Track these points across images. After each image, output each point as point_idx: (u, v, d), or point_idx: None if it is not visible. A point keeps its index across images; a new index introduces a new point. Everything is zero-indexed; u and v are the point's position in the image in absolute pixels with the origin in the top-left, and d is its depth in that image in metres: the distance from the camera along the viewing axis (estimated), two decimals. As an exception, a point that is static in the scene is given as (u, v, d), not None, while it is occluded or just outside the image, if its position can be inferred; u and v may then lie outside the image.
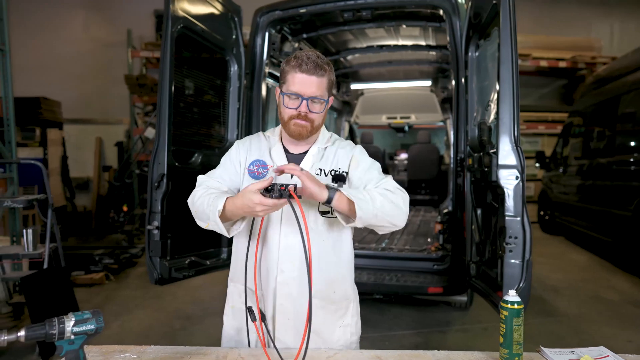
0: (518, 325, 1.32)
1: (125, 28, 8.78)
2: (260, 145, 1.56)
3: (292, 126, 1.43)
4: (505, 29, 2.23)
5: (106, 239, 7.43)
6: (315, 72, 1.39)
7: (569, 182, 6.83)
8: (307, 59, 1.39)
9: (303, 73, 1.39)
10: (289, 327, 1.48)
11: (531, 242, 2.22)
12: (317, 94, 1.40)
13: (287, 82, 1.42)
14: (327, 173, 1.49)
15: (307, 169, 1.46)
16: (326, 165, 1.50)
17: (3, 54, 3.94)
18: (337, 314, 1.54)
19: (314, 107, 1.42)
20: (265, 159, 1.52)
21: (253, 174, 1.50)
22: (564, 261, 5.99)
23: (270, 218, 1.47)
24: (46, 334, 1.06)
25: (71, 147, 8.19)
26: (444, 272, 3.35)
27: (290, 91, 1.40)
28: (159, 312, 4.11)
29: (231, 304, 1.63)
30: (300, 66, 1.38)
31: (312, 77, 1.39)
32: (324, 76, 1.41)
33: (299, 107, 1.40)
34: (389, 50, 4.94)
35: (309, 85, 1.39)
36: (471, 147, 2.96)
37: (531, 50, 8.81)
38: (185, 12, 2.82)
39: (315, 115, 1.42)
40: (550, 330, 3.61)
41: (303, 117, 1.41)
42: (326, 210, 1.46)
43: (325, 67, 1.41)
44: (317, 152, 1.51)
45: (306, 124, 1.42)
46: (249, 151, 1.54)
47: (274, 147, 1.53)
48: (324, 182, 1.38)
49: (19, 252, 3.29)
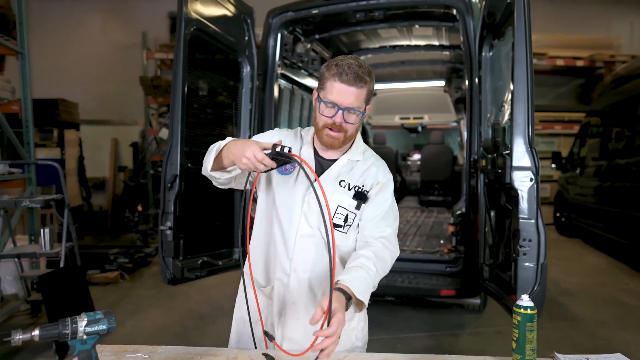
0: (531, 331, 1.29)
1: (140, 30, 8.90)
2: (293, 141, 1.53)
3: (324, 136, 1.40)
4: (520, 28, 2.20)
5: (121, 238, 7.54)
6: (355, 83, 1.33)
7: (586, 184, 6.70)
8: (349, 69, 1.33)
9: (343, 83, 1.33)
10: (299, 327, 1.48)
11: (546, 245, 2.18)
12: (354, 105, 1.36)
13: (326, 90, 1.37)
14: (351, 188, 1.46)
15: (331, 178, 1.45)
16: (352, 180, 1.47)
17: (22, 57, 4.03)
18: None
19: (350, 118, 1.37)
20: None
21: (280, 169, 1.47)
22: (581, 264, 5.88)
23: (287, 216, 1.47)
24: (59, 333, 1.08)
25: (88, 148, 8.34)
26: (456, 275, 3.32)
27: (327, 99, 1.36)
28: (172, 312, 4.15)
29: (238, 311, 1.65)
30: (340, 75, 1.33)
31: (351, 88, 1.33)
32: (363, 87, 1.35)
33: (334, 117, 1.36)
34: (401, 51, 4.91)
35: (347, 95, 1.34)
36: (484, 148, 2.93)
37: (547, 49, 8.66)
38: (198, 14, 2.84)
39: (349, 125, 1.38)
40: (565, 335, 3.55)
41: (337, 126, 1.37)
42: (339, 224, 1.46)
43: (366, 78, 1.36)
44: (346, 164, 1.48)
45: (339, 135, 1.38)
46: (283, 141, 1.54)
47: (305, 146, 1.51)
48: (345, 196, 1.43)
49: (37, 251, 3.36)
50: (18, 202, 3.19)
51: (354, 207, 1.46)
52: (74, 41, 9.18)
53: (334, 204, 1.44)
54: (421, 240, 4.45)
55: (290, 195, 1.47)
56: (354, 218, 1.47)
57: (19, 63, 4.04)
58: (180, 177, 2.73)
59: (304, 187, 1.46)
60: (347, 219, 1.46)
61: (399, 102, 6.96)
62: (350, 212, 1.46)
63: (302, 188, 1.46)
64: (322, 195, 1.23)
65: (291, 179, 1.48)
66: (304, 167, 1.28)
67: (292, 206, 1.46)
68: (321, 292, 1.48)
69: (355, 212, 1.47)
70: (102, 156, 8.90)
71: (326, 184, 1.45)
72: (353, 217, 1.47)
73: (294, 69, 4.18)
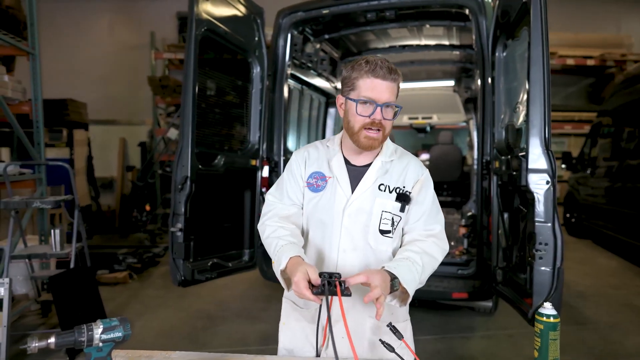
0: (554, 340, 1.27)
1: (148, 31, 8.93)
2: (318, 155, 1.49)
3: (362, 138, 1.35)
4: (537, 28, 2.15)
5: (129, 237, 7.56)
6: (390, 76, 1.31)
7: (597, 184, 6.62)
8: (382, 63, 1.31)
9: (378, 78, 1.30)
10: (344, 345, 1.43)
11: (562, 249, 2.14)
12: (391, 100, 1.33)
13: (359, 89, 1.33)
14: (392, 190, 1.41)
15: (369, 184, 1.41)
16: (390, 182, 1.42)
17: (33, 58, 4.04)
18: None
19: (388, 114, 1.34)
20: (324, 170, 1.46)
21: (312, 187, 1.45)
22: (592, 266, 5.80)
23: (327, 232, 1.43)
24: (75, 341, 1.07)
25: (96, 148, 8.37)
26: (468, 277, 3.28)
27: (363, 97, 1.32)
28: (181, 312, 4.15)
29: (284, 321, 1.59)
30: (374, 71, 1.30)
31: (387, 82, 1.31)
32: (396, 80, 1.34)
33: (373, 115, 1.31)
34: (411, 51, 4.87)
35: (383, 90, 1.31)
36: (498, 149, 2.88)
37: (557, 48, 8.57)
38: (209, 15, 2.83)
39: (388, 122, 1.35)
40: (579, 338, 3.49)
41: (377, 124, 1.33)
42: (386, 229, 1.41)
43: (398, 71, 1.34)
44: (381, 166, 1.43)
45: (378, 134, 1.34)
46: (308, 162, 1.49)
47: (334, 157, 1.46)
48: (388, 200, 1.38)
49: (48, 251, 3.36)
50: (29, 203, 3.20)
51: (398, 210, 1.41)
52: (83, 42, 9.23)
53: (378, 209, 1.40)
54: (431, 242, 4.40)
55: (329, 209, 1.43)
56: (399, 221, 1.42)
57: (30, 64, 4.05)
58: (191, 179, 2.72)
59: (344, 200, 1.42)
60: (393, 223, 1.41)
61: (407, 102, 6.88)
62: (395, 215, 1.41)
63: (342, 201, 1.42)
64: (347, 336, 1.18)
65: (327, 192, 1.44)
66: (349, 294, 1.22)
67: (332, 221, 1.42)
68: (368, 311, 1.42)
69: (401, 215, 1.41)
70: (110, 156, 8.94)
71: (366, 192, 1.41)
72: (398, 221, 1.42)
73: (303, 69, 4.16)
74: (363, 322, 1.45)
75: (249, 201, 3.41)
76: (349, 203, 1.41)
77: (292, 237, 1.40)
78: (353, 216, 1.40)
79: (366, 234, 1.40)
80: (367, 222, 1.40)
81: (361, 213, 1.40)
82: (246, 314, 4.03)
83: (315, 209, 1.45)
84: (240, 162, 3.31)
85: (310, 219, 1.47)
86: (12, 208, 3.18)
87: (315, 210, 1.45)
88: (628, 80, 6.35)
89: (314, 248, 1.46)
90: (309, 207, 1.47)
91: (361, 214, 1.40)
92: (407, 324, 1.55)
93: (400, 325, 1.50)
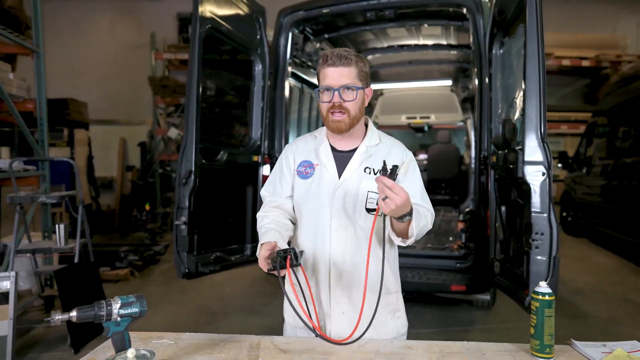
0: (549, 317, 1.33)
1: (149, 31, 8.98)
2: (306, 145, 1.61)
3: (330, 122, 1.47)
4: (532, 25, 2.22)
5: (129, 237, 7.59)
6: (341, 62, 1.43)
7: (592, 183, 6.70)
8: (331, 53, 1.44)
9: (330, 66, 1.44)
10: (344, 320, 1.51)
11: (558, 239, 2.20)
12: (348, 82, 1.44)
13: (320, 79, 1.48)
14: (377, 172, 1.49)
15: (355, 167, 1.50)
16: (375, 164, 1.51)
17: (37, 56, 4.09)
18: (389, 307, 1.57)
19: (347, 96, 1.44)
20: (311, 158, 1.57)
21: (302, 175, 1.56)
22: (589, 263, 5.88)
23: (319, 214, 1.51)
24: (95, 315, 1.13)
25: (96, 147, 8.42)
26: (466, 270, 3.34)
27: (322, 86, 1.46)
28: (183, 308, 4.19)
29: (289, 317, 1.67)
30: (326, 61, 1.44)
31: (339, 68, 1.43)
32: (350, 65, 1.44)
33: (332, 99, 1.44)
34: (409, 50, 4.94)
35: (337, 76, 1.43)
36: (495, 144, 2.95)
37: (553, 49, 8.67)
38: (212, 14, 2.89)
39: (349, 104, 1.45)
40: (578, 331, 3.56)
41: (338, 108, 1.44)
42: (372, 208, 1.48)
43: (351, 57, 1.44)
44: (366, 151, 1.53)
45: (342, 116, 1.45)
46: (297, 153, 1.60)
47: (321, 145, 1.57)
48: (372, 181, 1.44)
49: (52, 246, 3.41)
50: (35, 197, 3.24)
51: None
52: (84, 42, 9.28)
53: (364, 190, 1.48)
54: (430, 237, 4.46)
55: (319, 193, 1.52)
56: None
57: (34, 62, 4.11)
58: (195, 173, 2.77)
59: (332, 184, 1.51)
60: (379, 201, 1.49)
61: (405, 101, 6.99)
62: None
63: (331, 185, 1.51)
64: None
65: (316, 178, 1.53)
66: (299, 265, 1.38)
67: (323, 204, 1.51)
68: (361, 283, 1.48)
69: None
70: (110, 156, 8.98)
71: (352, 175, 1.50)
72: None
73: (303, 68, 4.23)
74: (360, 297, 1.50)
75: (251, 196, 3.46)
76: (337, 186, 1.50)
77: (273, 224, 1.52)
78: (341, 198, 1.49)
79: (354, 214, 1.49)
80: (355, 202, 1.49)
81: (349, 194, 1.49)
82: (249, 309, 4.07)
83: (307, 194, 1.54)
84: (242, 157, 3.37)
85: (303, 204, 1.56)
86: (18, 202, 3.23)
87: (307, 195, 1.54)
88: (622, 80, 6.44)
89: (309, 229, 1.55)
90: (301, 193, 1.56)
91: (349, 195, 1.49)
92: (399, 295, 1.63)
93: (392, 296, 1.58)
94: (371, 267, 1.50)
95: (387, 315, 1.56)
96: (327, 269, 1.51)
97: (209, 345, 1.44)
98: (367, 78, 1.50)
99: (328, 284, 1.51)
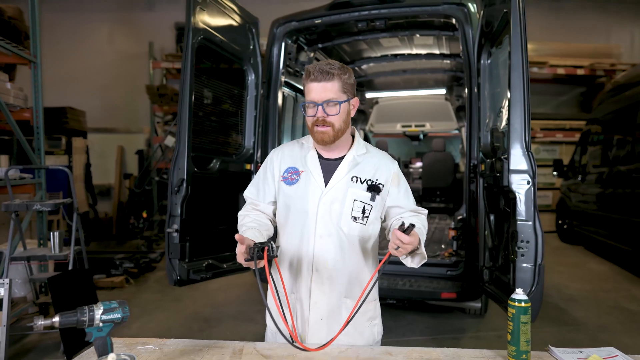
0: (525, 323, 1.35)
1: (147, 40, 9.07)
2: (293, 152, 1.65)
3: (315, 134, 1.52)
4: (516, 36, 2.27)
5: (126, 244, 7.61)
6: (323, 77, 1.47)
7: (587, 191, 6.74)
8: (314, 69, 1.48)
9: (313, 82, 1.48)
10: (322, 326, 1.54)
11: (543, 247, 2.23)
12: (330, 97, 1.48)
13: (305, 94, 1.53)
14: (364, 181, 1.55)
15: (342, 175, 1.55)
16: (362, 174, 1.56)
17: (35, 66, 4.15)
18: (367, 314, 1.60)
19: (330, 110, 1.49)
20: (298, 165, 1.60)
21: (287, 180, 1.60)
22: (583, 270, 5.89)
23: (304, 220, 1.55)
24: (77, 320, 1.16)
25: (94, 155, 8.46)
26: (457, 278, 3.36)
27: (306, 101, 1.51)
28: (177, 315, 4.21)
29: (267, 305, 1.70)
30: (309, 76, 1.49)
31: (321, 84, 1.47)
32: (332, 80, 1.48)
33: (317, 113, 1.48)
34: (403, 59, 5.00)
35: (320, 91, 1.48)
36: (483, 153, 2.99)
37: (548, 58, 8.75)
38: (205, 24, 2.94)
39: (333, 117, 1.49)
40: (568, 338, 3.58)
41: (322, 122, 1.49)
42: (357, 216, 1.53)
43: (334, 72, 1.48)
44: (352, 160, 1.57)
45: (326, 129, 1.49)
46: (282, 159, 1.64)
47: (309, 153, 1.61)
48: (359, 190, 1.52)
49: (47, 253, 3.43)
50: (29, 205, 3.28)
51: (369, 199, 1.54)
52: (83, 51, 9.37)
53: (350, 198, 1.53)
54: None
55: (305, 199, 1.55)
56: (371, 210, 1.54)
57: (32, 72, 4.16)
58: (187, 181, 2.81)
59: (318, 191, 1.54)
60: (364, 210, 1.54)
61: (400, 110, 7.05)
62: (367, 204, 1.54)
63: (317, 192, 1.54)
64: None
65: (301, 184, 1.57)
66: (275, 256, 1.40)
67: (308, 210, 1.54)
68: (343, 292, 1.55)
69: (371, 204, 1.54)
70: (108, 164, 9.02)
71: (339, 183, 1.54)
72: (370, 209, 1.54)
73: (297, 77, 4.28)
74: (339, 304, 1.55)
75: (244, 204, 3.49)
76: (323, 193, 1.54)
77: (254, 223, 1.58)
78: (327, 205, 1.53)
79: (339, 221, 1.53)
80: (340, 210, 1.53)
81: (335, 202, 1.53)
82: (242, 317, 4.09)
83: (292, 200, 1.58)
84: (235, 166, 3.41)
85: (289, 210, 1.59)
86: (13, 210, 3.26)
87: (292, 201, 1.58)
88: (616, 88, 6.50)
89: (294, 235, 1.57)
90: (287, 199, 1.59)
91: (335, 202, 1.53)
92: (377, 303, 1.66)
93: (370, 304, 1.61)
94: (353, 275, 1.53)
95: (364, 322, 1.59)
96: (309, 275, 1.54)
97: (193, 351, 1.46)
98: (352, 89, 1.54)
99: (309, 290, 1.54)
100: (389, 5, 3.37)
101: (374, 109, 7.11)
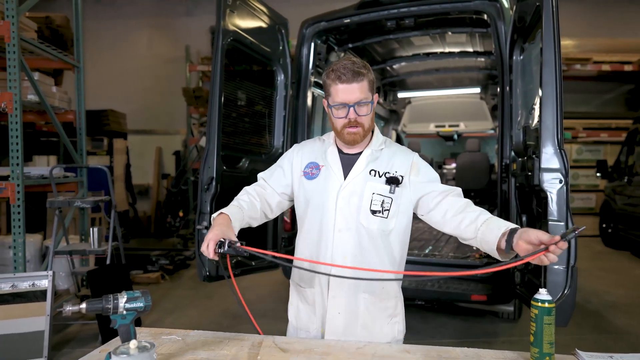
0: (549, 324, 1.31)
1: (184, 44, 9.37)
2: (314, 148, 1.66)
3: (345, 135, 1.51)
4: (548, 29, 2.20)
5: (163, 242, 7.88)
6: (354, 79, 1.45)
7: (635, 193, 6.38)
8: (344, 69, 1.45)
9: (343, 83, 1.45)
10: (339, 322, 1.54)
11: (576, 249, 2.15)
12: (361, 98, 1.46)
13: (332, 95, 1.49)
14: (382, 175, 1.54)
15: (361, 169, 1.55)
16: (380, 167, 1.55)
17: (78, 71, 4.38)
18: (387, 311, 1.58)
19: (361, 110, 1.48)
20: (318, 160, 1.62)
21: (308, 175, 1.61)
22: (628, 276, 5.58)
23: (323, 214, 1.55)
24: (102, 307, 1.21)
25: (134, 156, 8.82)
26: (488, 280, 3.27)
27: (336, 103, 1.48)
28: (208, 311, 4.32)
29: (291, 301, 1.74)
30: (340, 78, 1.45)
31: (353, 85, 1.45)
32: (363, 80, 1.46)
33: (348, 115, 1.47)
34: (435, 58, 4.92)
35: (351, 92, 1.45)
36: (516, 151, 2.90)
37: (592, 54, 8.35)
38: (235, 26, 3.01)
39: (364, 118, 1.49)
40: (606, 347, 3.40)
41: (354, 122, 1.48)
42: (376, 209, 1.52)
43: (362, 71, 1.46)
44: (371, 154, 1.57)
45: (358, 129, 1.49)
46: (303, 155, 1.66)
47: (329, 148, 1.62)
48: (377, 183, 1.51)
49: (87, 248, 3.61)
50: (71, 202, 3.46)
51: (388, 192, 1.52)
52: (123, 56, 9.81)
53: (369, 192, 1.52)
54: (453, 247, 4.40)
55: (324, 193, 1.56)
56: (391, 202, 1.52)
57: (75, 76, 4.40)
58: (216, 180, 2.88)
59: (337, 185, 1.54)
60: (383, 203, 1.52)
61: (434, 110, 6.94)
62: (386, 197, 1.52)
63: (336, 186, 1.54)
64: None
65: (321, 179, 1.58)
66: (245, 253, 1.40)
67: (327, 204, 1.54)
68: (361, 287, 1.54)
69: (391, 197, 1.52)
70: (146, 164, 9.37)
71: (358, 177, 1.54)
72: (390, 202, 1.52)
73: (327, 78, 4.30)
74: (357, 299, 1.54)
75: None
76: (342, 187, 1.53)
77: (244, 203, 1.60)
78: (346, 198, 1.52)
79: (358, 215, 1.51)
80: (359, 203, 1.51)
81: (353, 195, 1.52)
82: (271, 314, 4.13)
83: (312, 194, 1.58)
84: (264, 165, 3.45)
85: (309, 204, 1.59)
86: (56, 207, 3.45)
87: (312, 196, 1.58)
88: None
89: (314, 229, 1.58)
90: (307, 194, 1.60)
91: (353, 196, 1.52)
92: (397, 301, 1.63)
93: (391, 301, 1.59)
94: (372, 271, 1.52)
95: (383, 319, 1.58)
96: (327, 269, 1.55)
97: (214, 342, 1.50)
98: (374, 86, 1.54)
99: (327, 283, 1.55)
100: (418, 3, 3.33)
101: (406, 109, 7.04)
